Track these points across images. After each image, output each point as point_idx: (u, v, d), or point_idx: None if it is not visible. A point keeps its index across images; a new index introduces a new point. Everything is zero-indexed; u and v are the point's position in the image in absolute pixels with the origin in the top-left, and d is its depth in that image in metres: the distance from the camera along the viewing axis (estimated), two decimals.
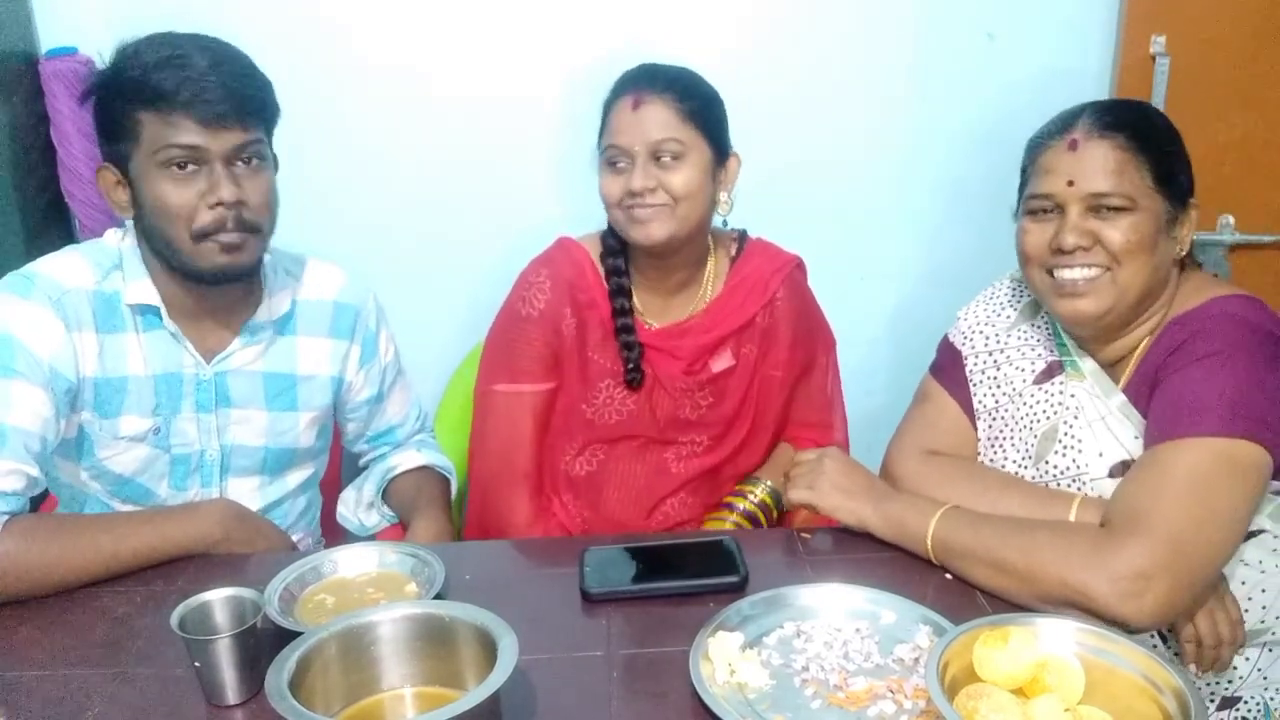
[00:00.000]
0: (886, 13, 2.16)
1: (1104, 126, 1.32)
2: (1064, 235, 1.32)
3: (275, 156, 1.48)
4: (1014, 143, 2.21)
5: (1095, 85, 2.22)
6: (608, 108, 1.61)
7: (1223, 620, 1.27)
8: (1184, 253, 1.34)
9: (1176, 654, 1.31)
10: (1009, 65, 2.21)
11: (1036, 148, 1.39)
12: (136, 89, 1.33)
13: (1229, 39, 2.15)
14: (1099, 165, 1.31)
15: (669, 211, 1.56)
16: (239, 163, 1.38)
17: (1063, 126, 1.36)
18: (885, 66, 2.20)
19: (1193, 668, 1.30)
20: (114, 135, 1.38)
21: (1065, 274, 1.34)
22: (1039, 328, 1.47)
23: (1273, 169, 2.12)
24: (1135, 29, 2.15)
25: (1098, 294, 1.32)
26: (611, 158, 1.58)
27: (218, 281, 1.42)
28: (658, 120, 1.55)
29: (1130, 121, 1.32)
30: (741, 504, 1.70)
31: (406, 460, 1.70)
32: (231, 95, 1.34)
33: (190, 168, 1.35)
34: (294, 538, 1.61)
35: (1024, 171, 1.43)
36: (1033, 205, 1.37)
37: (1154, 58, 2.15)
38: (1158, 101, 2.11)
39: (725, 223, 1.70)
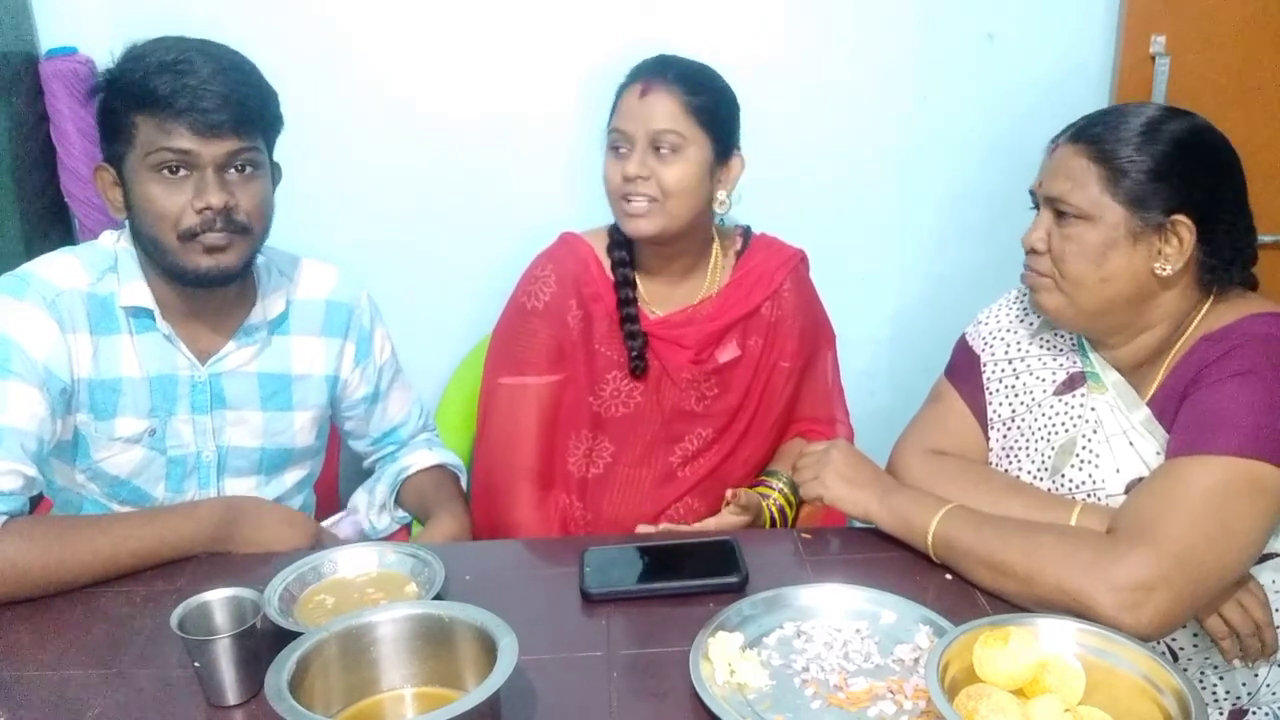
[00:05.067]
0: (886, 13, 2.16)
1: (1078, 132, 1.31)
2: (1028, 233, 1.35)
3: (278, 166, 1.48)
4: (1013, 142, 2.25)
5: (1095, 85, 2.22)
6: (619, 93, 1.62)
7: (1252, 604, 1.25)
8: (1167, 270, 1.27)
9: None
10: (1009, 66, 2.21)
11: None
12: (135, 91, 1.34)
13: (1229, 39, 2.15)
14: (1061, 170, 1.31)
15: (659, 207, 1.57)
16: (231, 170, 1.37)
17: (1069, 125, 1.35)
18: (885, 67, 2.20)
19: (1236, 662, 1.29)
20: (112, 135, 1.38)
21: (1028, 270, 1.37)
22: (1063, 336, 1.44)
23: (1273, 169, 2.12)
24: (1135, 29, 2.16)
25: (1048, 293, 1.34)
26: (614, 142, 1.60)
27: (205, 284, 1.41)
28: (661, 110, 1.56)
29: (1115, 128, 1.28)
30: (771, 494, 1.68)
31: (419, 460, 1.70)
32: (228, 104, 1.34)
33: (181, 172, 1.35)
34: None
35: None
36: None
37: (1154, 58, 2.15)
38: (1157, 101, 2.12)
39: (723, 220, 1.70)
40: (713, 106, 1.59)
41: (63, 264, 1.43)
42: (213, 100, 1.32)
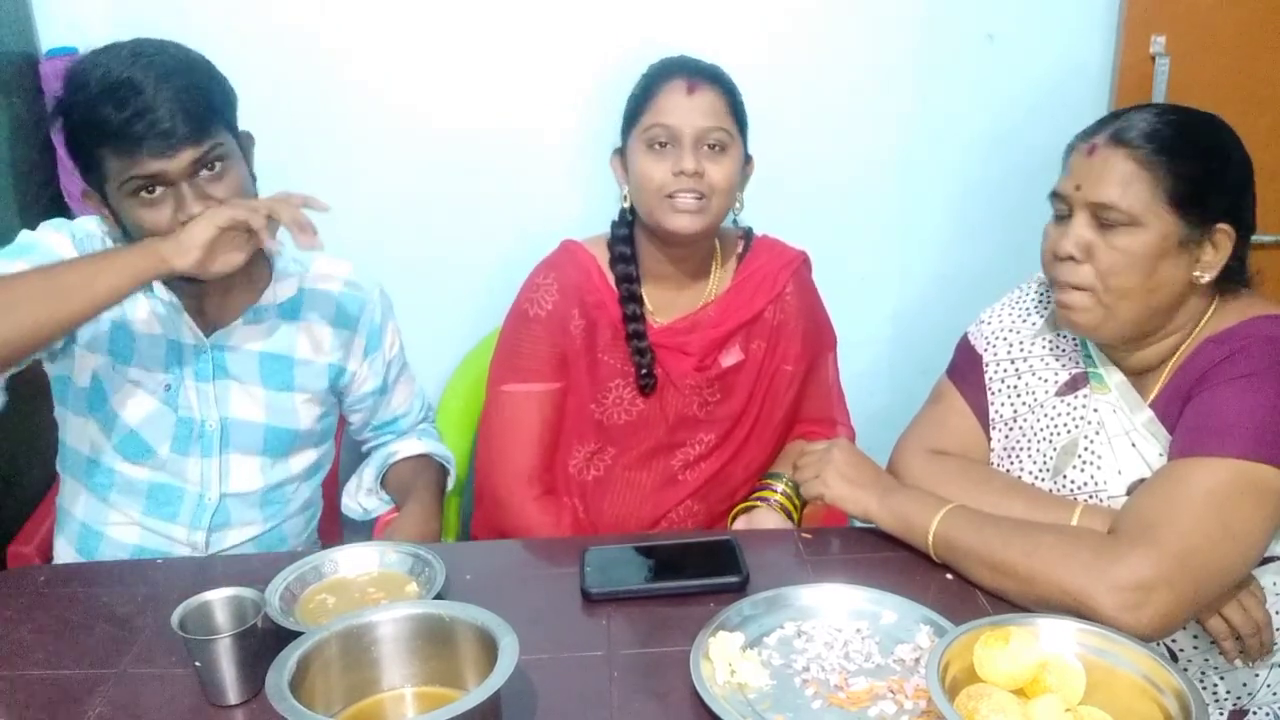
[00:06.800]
0: (886, 13, 2.16)
1: (1127, 135, 1.26)
2: (1062, 240, 1.29)
3: (247, 134, 1.47)
4: (1013, 142, 2.25)
5: (1095, 85, 2.22)
6: (651, 89, 1.59)
7: (1253, 604, 1.25)
8: (1205, 278, 1.27)
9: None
10: (1009, 66, 2.21)
11: (1070, 146, 1.34)
12: (90, 127, 1.34)
13: (1229, 39, 2.15)
14: (1109, 175, 1.25)
15: (705, 204, 1.57)
16: (202, 171, 1.38)
17: (1096, 128, 1.31)
18: (885, 67, 2.20)
19: (1238, 662, 1.29)
20: (84, 167, 1.40)
21: (1062, 281, 1.31)
22: (1066, 336, 1.43)
23: (1273, 169, 2.11)
24: (1135, 29, 2.15)
25: (1086, 309, 1.29)
26: (655, 138, 1.57)
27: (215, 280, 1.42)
28: (711, 108, 1.56)
29: (1160, 133, 1.26)
30: (774, 497, 1.68)
31: (407, 448, 1.74)
32: (182, 116, 1.33)
33: (158, 190, 1.36)
34: (294, 538, 1.65)
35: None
36: (1053, 205, 1.33)
37: (1154, 58, 2.15)
38: (1157, 101, 2.12)
39: (736, 221, 1.70)
40: (742, 109, 1.62)
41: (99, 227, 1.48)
42: (165, 120, 1.32)
